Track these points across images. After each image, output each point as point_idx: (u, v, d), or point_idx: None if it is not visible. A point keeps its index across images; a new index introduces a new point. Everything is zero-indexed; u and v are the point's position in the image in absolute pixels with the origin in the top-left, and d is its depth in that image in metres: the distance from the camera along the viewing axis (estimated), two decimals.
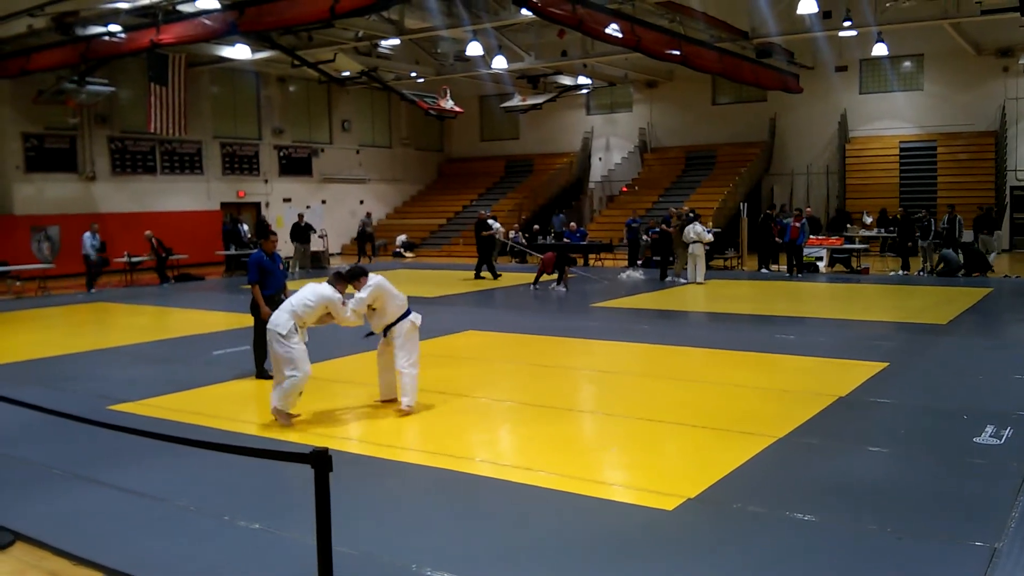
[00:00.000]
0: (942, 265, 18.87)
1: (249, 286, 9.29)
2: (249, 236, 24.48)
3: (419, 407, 7.78)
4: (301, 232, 24.13)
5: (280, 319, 7.19)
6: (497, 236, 21.94)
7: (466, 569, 4.40)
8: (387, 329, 7.56)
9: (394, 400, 7.71)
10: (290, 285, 9.42)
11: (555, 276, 18.15)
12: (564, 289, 17.68)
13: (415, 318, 7.62)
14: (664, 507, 5.21)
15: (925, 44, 26.02)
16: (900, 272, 19.78)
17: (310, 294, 7.27)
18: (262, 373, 9.27)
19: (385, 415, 7.50)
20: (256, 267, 9.19)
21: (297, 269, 23.27)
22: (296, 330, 7.13)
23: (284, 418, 7.23)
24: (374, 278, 7.43)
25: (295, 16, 17.18)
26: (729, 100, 30.68)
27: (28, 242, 22.63)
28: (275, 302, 9.24)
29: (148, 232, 21.42)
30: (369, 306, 7.42)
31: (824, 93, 28.01)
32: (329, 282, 7.35)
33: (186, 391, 8.77)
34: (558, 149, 34.00)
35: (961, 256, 18.88)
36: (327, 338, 9.86)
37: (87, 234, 19.82)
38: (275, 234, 9.81)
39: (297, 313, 7.17)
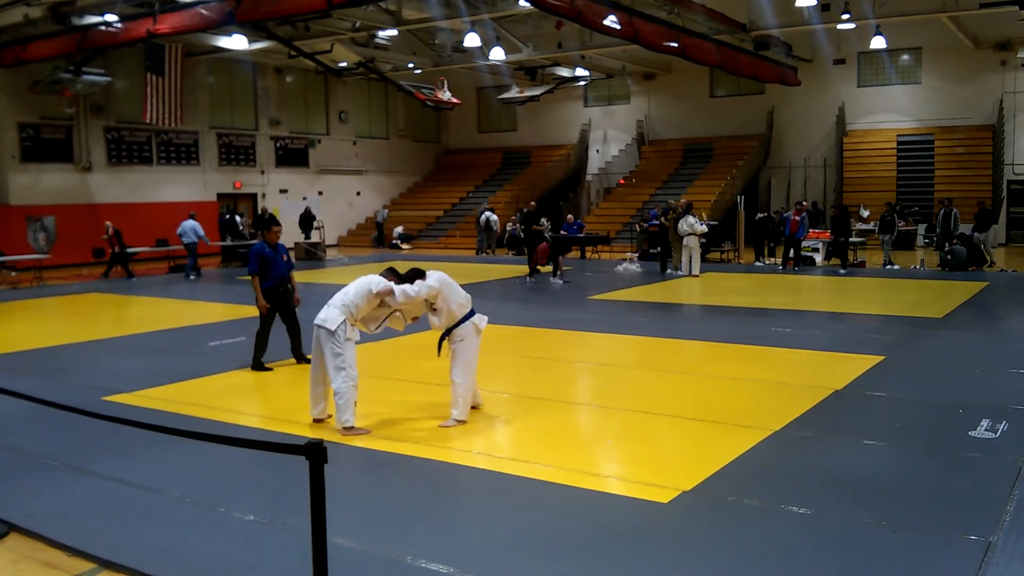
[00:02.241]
0: (949, 257, 18.83)
1: (249, 276, 9.28)
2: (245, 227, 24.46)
3: (416, 400, 7.78)
4: (265, 224, 23.57)
5: (330, 315, 6.57)
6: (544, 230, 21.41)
7: (461, 561, 4.40)
8: (448, 332, 6.92)
9: (475, 407, 7.19)
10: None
11: (550, 268, 18.15)
12: (561, 281, 17.68)
13: (479, 320, 6.96)
14: (659, 500, 5.21)
15: (923, 37, 26.00)
16: (842, 270, 19.03)
17: (360, 286, 6.70)
18: (258, 366, 9.25)
19: (380, 407, 7.48)
20: (257, 257, 9.17)
21: None
22: (347, 327, 6.54)
23: (356, 432, 6.60)
24: (435, 275, 6.88)
25: (292, 6, 17.14)
26: (727, 93, 30.65)
27: (24, 232, 22.59)
28: (275, 294, 9.24)
29: (108, 223, 20.33)
30: (431, 305, 6.82)
31: (822, 86, 27.99)
32: (381, 275, 6.85)
33: (182, 382, 8.76)
34: (555, 141, 33.96)
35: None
36: None
37: (192, 223, 19.95)
38: (278, 224, 9.75)
39: (348, 308, 6.59)
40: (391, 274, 6.86)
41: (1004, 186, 25.85)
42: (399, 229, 30.51)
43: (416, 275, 6.83)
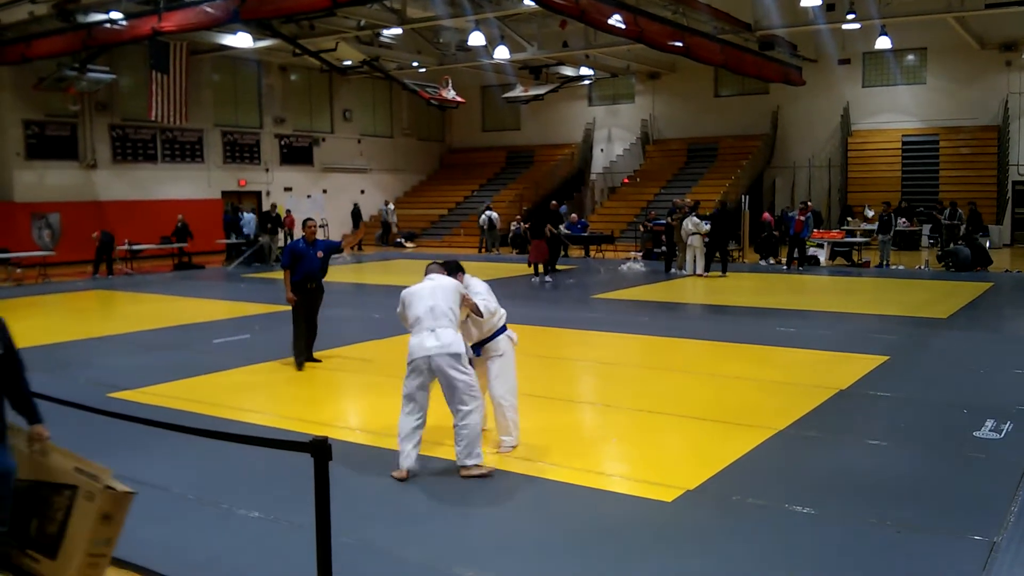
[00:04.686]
0: (951, 259, 18.79)
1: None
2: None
3: None
4: (266, 222, 23.71)
5: (445, 336, 5.61)
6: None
7: (465, 559, 4.40)
8: (479, 346, 6.29)
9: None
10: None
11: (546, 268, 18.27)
12: (549, 279, 17.85)
13: (512, 334, 6.47)
14: (663, 499, 5.21)
15: (928, 37, 25.94)
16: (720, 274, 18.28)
17: (448, 292, 5.84)
18: (301, 365, 9.26)
19: (384, 404, 7.47)
20: (289, 252, 9.44)
21: (273, 261, 22.53)
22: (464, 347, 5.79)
23: (481, 469, 5.70)
24: (473, 279, 6.37)
25: (297, 4, 17.14)
26: (731, 92, 30.59)
27: (29, 229, 22.63)
28: (302, 289, 9.32)
29: (96, 233, 20.30)
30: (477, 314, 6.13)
31: (827, 86, 27.93)
32: (438, 272, 6.11)
33: (187, 379, 8.78)
34: (560, 140, 33.93)
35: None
36: (336, 325, 9.85)
37: (252, 216, 20.48)
38: (313, 220, 9.81)
39: (456, 323, 5.77)
40: (444, 266, 6.18)
41: (1009, 186, 25.78)
42: (393, 217, 30.43)
43: (457, 267, 6.28)
